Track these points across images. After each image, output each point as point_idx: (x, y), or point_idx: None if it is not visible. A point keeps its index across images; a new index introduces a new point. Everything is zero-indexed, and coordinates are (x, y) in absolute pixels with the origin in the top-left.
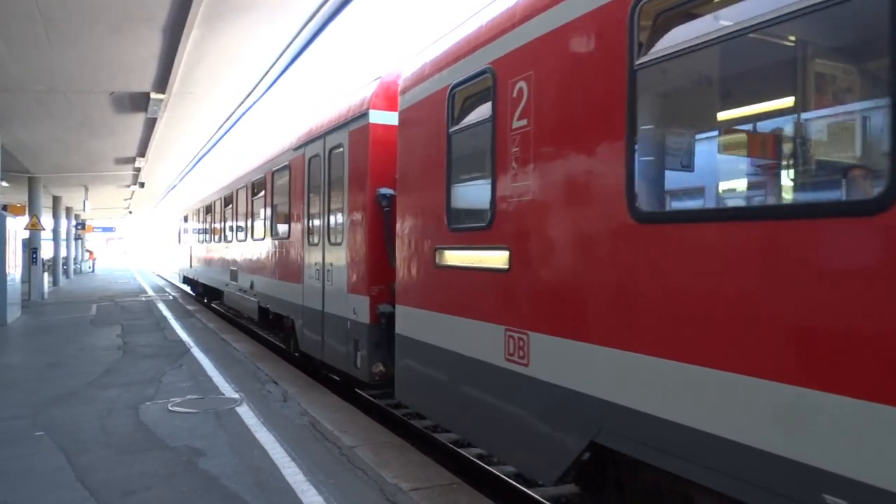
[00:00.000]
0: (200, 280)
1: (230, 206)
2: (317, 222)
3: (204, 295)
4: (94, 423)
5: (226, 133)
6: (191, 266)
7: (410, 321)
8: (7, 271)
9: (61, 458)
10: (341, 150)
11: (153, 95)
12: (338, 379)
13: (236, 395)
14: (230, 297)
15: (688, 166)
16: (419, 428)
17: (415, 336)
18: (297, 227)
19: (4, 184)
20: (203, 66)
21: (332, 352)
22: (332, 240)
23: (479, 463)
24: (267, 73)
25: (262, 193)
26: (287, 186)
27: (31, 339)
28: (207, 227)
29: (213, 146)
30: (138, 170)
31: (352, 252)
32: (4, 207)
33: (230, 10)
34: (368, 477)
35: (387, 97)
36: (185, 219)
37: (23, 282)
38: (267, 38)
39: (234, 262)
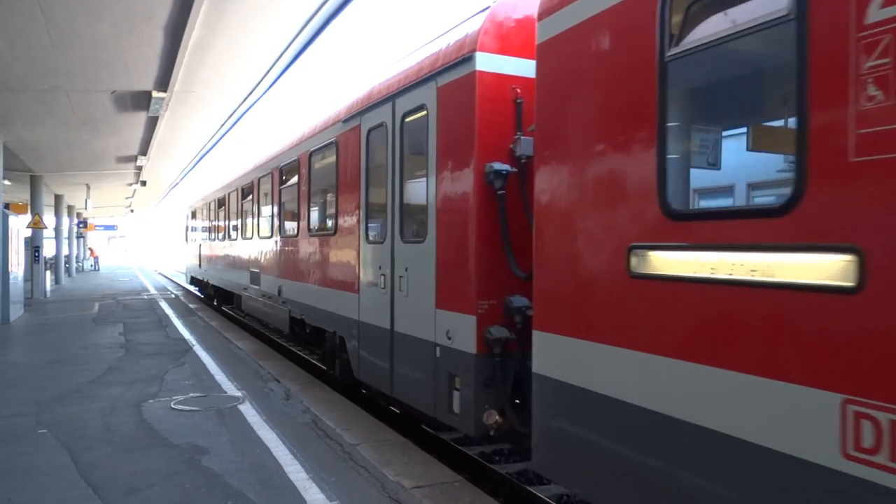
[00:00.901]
0: (211, 282)
1: (249, 197)
2: (380, 213)
3: (215, 298)
4: (97, 420)
5: (228, 131)
6: (200, 266)
7: (570, 358)
8: (10, 269)
9: (65, 456)
10: (423, 114)
11: (155, 94)
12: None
13: (238, 393)
14: (250, 303)
15: None
16: (421, 426)
17: (580, 383)
18: (348, 220)
19: (7, 182)
20: (205, 65)
21: (409, 387)
22: (409, 235)
23: (481, 461)
24: (269, 71)
25: (295, 180)
26: (332, 169)
27: (34, 337)
28: (220, 222)
29: (215, 144)
30: (140, 168)
31: (443, 252)
32: (7, 206)
33: (232, 9)
34: (370, 475)
35: (500, 36)
36: (193, 215)
37: (25, 280)
38: (269, 37)
39: (256, 262)
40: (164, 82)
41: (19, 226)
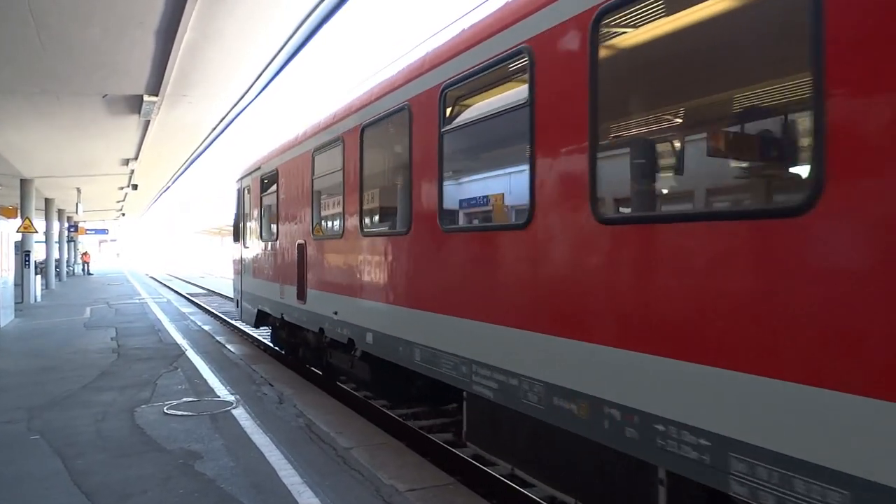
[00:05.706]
0: (374, 350)
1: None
2: None
3: (373, 382)
4: (89, 426)
5: (219, 135)
6: (302, 297)
7: None
8: (0, 274)
9: (57, 462)
10: None
11: (146, 98)
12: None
13: (232, 398)
14: None
15: None
16: (414, 429)
17: None
18: None
19: None
20: (197, 68)
21: None
22: None
23: (475, 463)
24: (260, 75)
25: None
26: None
27: (25, 342)
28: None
29: (206, 148)
30: (132, 172)
31: None
32: None
33: (223, 12)
34: (364, 478)
35: None
36: (266, 184)
37: (16, 285)
38: (262, 39)
39: None
40: (155, 86)
41: (9, 230)
